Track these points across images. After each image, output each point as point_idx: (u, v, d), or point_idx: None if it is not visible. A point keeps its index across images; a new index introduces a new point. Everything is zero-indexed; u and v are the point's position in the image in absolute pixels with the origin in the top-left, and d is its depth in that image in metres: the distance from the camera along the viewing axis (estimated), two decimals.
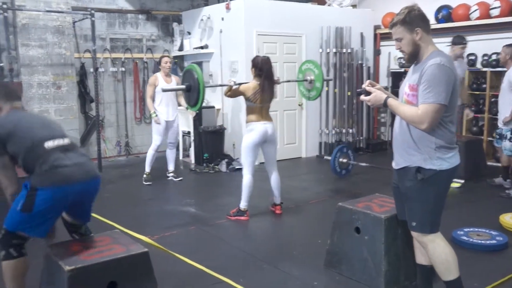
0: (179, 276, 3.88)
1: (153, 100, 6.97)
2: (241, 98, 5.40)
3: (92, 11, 7.89)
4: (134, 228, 4.68)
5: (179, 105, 7.16)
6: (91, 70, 8.36)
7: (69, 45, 8.35)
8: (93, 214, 5.24)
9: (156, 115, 6.92)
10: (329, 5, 9.63)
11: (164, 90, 6.32)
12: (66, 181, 2.98)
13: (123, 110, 9.12)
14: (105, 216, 5.30)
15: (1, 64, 7.84)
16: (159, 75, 7.02)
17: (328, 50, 8.93)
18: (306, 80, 6.11)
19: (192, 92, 5.24)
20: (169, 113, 7.03)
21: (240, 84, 5.38)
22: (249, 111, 5.27)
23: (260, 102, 5.21)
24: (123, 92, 9.09)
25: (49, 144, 3.05)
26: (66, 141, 3.16)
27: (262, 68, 5.24)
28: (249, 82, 5.44)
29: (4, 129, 3.07)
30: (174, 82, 7.07)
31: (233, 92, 5.34)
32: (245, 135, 5.30)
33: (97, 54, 8.32)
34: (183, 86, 5.31)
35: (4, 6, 7.40)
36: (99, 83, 8.41)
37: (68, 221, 3.39)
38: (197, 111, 7.16)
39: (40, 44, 8.02)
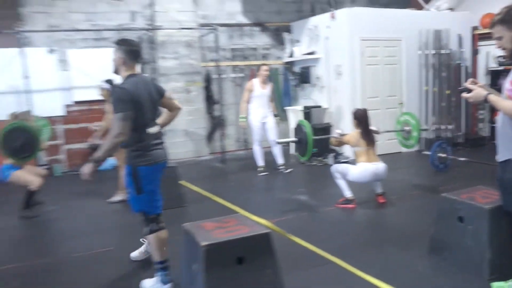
0: (294, 255, 4.04)
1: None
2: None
3: (216, 27, 8.47)
4: (255, 212, 5.04)
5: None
6: (215, 76, 8.96)
7: (197, 56, 9.01)
8: (220, 200, 5.79)
9: (244, 120, 7.29)
10: (427, 10, 9.48)
11: (279, 143, 6.78)
12: (158, 161, 3.40)
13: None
14: (230, 202, 5.74)
15: (146, 75, 8.65)
16: (255, 82, 7.32)
17: (427, 52, 8.81)
18: (403, 131, 6.29)
19: (302, 144, 5.63)
20: (263, 115, 7.34)
21: (344, 134, 5.56)
22: (358, 155, 5.37)
23: (366, 146, 5.30)
24: (240, 95, 9.55)
25: (149, 130, 3.36)
26: (157, 128, 3.47)
27: (361, 119, 5.38)
28: (351, 133, 5.59)
29: (135, 96, 3.25)
30: (269, 88, 7.35)
31: (338, 142, 5.58)
32: (356, 167, 5.32)
33: (220, 62, 8.89)
34: (296, 139, 5.76)
35: (148, 26, 8.21)
36: (221, 87, 8.99)
37: None
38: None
39: (174, 56, 8.75)
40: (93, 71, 8.32)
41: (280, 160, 7.58)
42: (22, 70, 7.44)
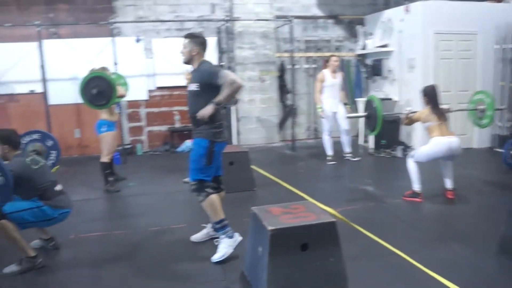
0: (357, 245, 3.86)
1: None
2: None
3: (291, 18, 8.30)
4: (321, 200, 4.84)
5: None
6: (289, 66, 8.82)
7: (272, 46, 8.91)
8: (288, 186, 5.70)
9: (321, 109, 7.07)
10: (506, 3, 8.73)
11: (349, 117, 6.53)
12: (226, 139, 3.81)
13: (313, 100, 9.45)
14: (297, 188, 5.61)
15: (223, 63, 8.70)
16: (326, 72, 7.10)
17: (504, 46, 8.15)
18: (477, 109, 5.69)
19: (372, 119, 5.35)
20: (334, 105, 7.11)
21: (414, 112, 5.21)
22: (430, 130, 5.00)
23: (438, 120, 4.93)
24: (313, 86, 9.41)
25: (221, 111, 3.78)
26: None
27: (430, 95, 5.01)
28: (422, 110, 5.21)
29: None
30: (339, 78, 7.12)
31: (410, 120, 5.23)
32: (428, 144, 5.00)
33: (294, 53, 8.73)
34: (365, 114, 5.47)
35: (227, 18, 8.21)
36: (294, 77, 8.84)
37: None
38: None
39: (250, 46, 8.71)
40: (174, 59, 8.45)
41: (347, 148, 7.37)
42: (112, 57, 7.68)
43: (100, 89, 5.44)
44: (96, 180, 6.27)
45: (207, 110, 3.55)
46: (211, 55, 8.81)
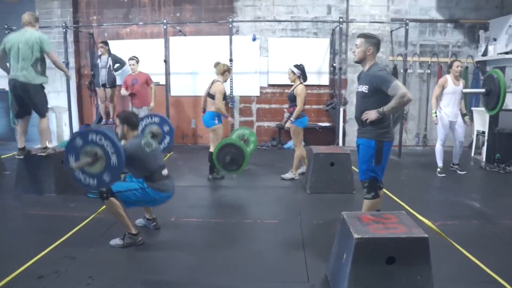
0: (453, 266, 3.42)
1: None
2: None
3: (407, 21, 7.80)
4: (420, 211, 4.51)
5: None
6: (401, 71, 8.32)
7: (385, 49, 8.48)
8: (388, 192, 5.34)
9: (436, 116, 6.43)
10: None
11: (465, 92, 5.86)
12: (393, 138, 3.67)
13: (425, 106, 8.82)
14: (396, 196, 5.27)
15: (334, 64, 8.49)
16: (449, 77, 6.38)
17: None
18: None
19: (492, 96, 4.73)
20: (453, 114, 6.41)
21: None
22: None
23: None
24: (426, 91, 8.78)
25: None
26: None
27: None
28: None
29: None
30: (461, 85, 6.37)
31: None
32: None
33: (408, 57, 8.22)
34: (483, 90, 4.84)
35: (341, 19, 7.97)
36: (407, 82, 8.31)
37: None
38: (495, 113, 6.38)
39: None
40: (288, 58, 8.45)
41: (456, 159, 6.74)
42: (229, 55, 7.86)
43: (233, 156, 5.72)
44: (203, 169, 6.47)
45: (370, 116, 3.50)
46: (323, 57, 8.64)
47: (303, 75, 6.05)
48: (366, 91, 3.56)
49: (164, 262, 3.55)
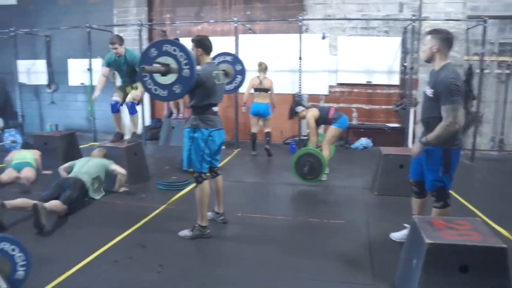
0: None
1: None
2: None
3: (486, 18, 7.37)
4: (495, 219, 4.23)
5: None
6: (477, 71, 7.88)
7: (460, 49, 8.08)
8: (461, 198, 5.07)
9: None
10: None
11: None
12: (462, 146, 3.39)
13: (502, 109, 8.27)
14: (470, 202, 4.97)
15: (405, 64, 8.23)
16: None
17: None
18: None
19: None
20: None
21: None
22: None
23: None
24: (504, 93, 8.26)
25: None
26: None
27: None
28: None
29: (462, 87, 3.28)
30: None
31: None
32: None
33: (485, 57, 7.77)
34: None
35: (413, 17, 7.69)
36: (483, 83, 7.88)
37: None
38: None
39: None
40: (358, 57, 8.29)
41: None
42: (298, 53, 7.83)
43: (311, 165, 5.70)
44: (270, 166, 6.52)
45: (414, 151, 3.38)
46: (393, 56, 8.39)
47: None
48: (431, 95, 3.25)
49: (229, 257, 3.62)
